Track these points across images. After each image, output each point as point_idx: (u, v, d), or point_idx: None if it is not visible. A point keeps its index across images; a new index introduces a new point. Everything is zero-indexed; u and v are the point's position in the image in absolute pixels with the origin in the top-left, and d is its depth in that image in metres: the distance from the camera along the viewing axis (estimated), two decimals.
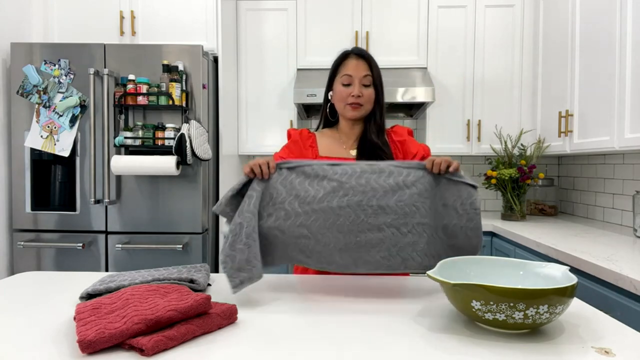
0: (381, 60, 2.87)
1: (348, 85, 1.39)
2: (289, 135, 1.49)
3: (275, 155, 1.42)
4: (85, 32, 2.66)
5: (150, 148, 2.37)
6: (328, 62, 1.46)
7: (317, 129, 1.53)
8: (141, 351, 0.72)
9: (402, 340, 0.78)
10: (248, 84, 2.96)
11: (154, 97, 2.32)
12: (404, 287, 1.16)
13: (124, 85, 2.35)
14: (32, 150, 2.42)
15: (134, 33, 2.64)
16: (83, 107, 2.42)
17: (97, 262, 2.44)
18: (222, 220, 2.55)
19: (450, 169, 1.10)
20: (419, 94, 2.67)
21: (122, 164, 2.30)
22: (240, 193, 1.10)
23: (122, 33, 2.64)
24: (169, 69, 2.34)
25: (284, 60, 2.94)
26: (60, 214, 2.45)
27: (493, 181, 2.66)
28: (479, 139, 2.88)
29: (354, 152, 1.42)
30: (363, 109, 1.39)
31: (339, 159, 1.39)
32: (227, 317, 0.85)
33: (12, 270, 2.46)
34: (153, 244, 2.42)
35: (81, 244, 2.41)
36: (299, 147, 1.43)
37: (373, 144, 1.38)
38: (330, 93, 1.45)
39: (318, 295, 1.07)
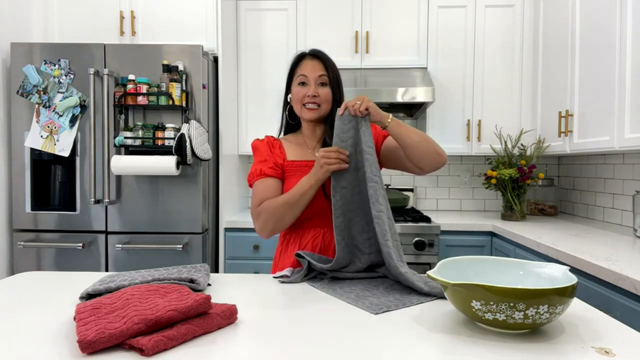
0: (381, 60, 2.92)
1: (304, 84, 1.37)
2: (256, 147, 1.43)
3: (255, 171, 1.37)
4: (85, 32, 2.66)
5: (150, 148, 2.37)
6: None
7: (279, 135, 1.50)
8: (141, 351, 0.72)
9: (402, 340, 0.78)
10: (248, 84, 2.96)
11: (154, 97, 2.32)
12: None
13: (124, 85, 2.35)
14: (32, 150, 2.42)
15: (134, 33, 2.64)
16: (83, 107, 2.42)
17: (97, 262, 2.44)
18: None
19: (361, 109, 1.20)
20: (419, 94, 2.67)
21: (122, 164, 2.30)
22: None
23: (122, 33, 2.64)
24: (169, 69, 2.34)
25: (284, 60, 2.93)
26: (60, 214, 2.45)
27: (493, 181, 2.66)
28: (479, 139, 2.88)
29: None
30: (320, 109, 1.37)
31: (306, 162, 1.38)
32: (227, 317, 0.85)
33: (12, 270, 2.46)
34: (153, 244, 2.42)
35: (81, 244, 2.41)
36: (273, 155, 1.39)
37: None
38: (290, 96, 1.43)
39: (318, 295, 1.07)
